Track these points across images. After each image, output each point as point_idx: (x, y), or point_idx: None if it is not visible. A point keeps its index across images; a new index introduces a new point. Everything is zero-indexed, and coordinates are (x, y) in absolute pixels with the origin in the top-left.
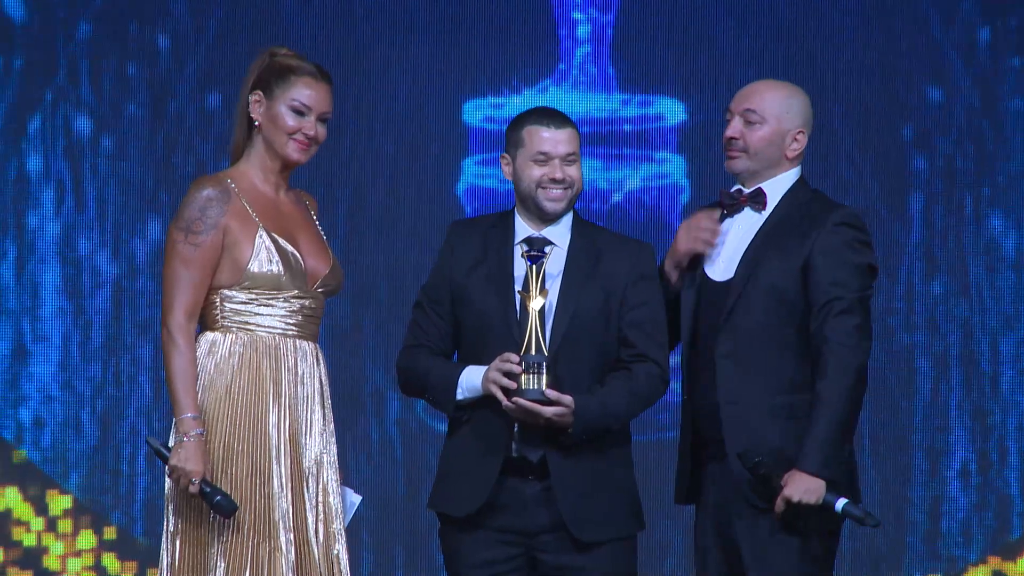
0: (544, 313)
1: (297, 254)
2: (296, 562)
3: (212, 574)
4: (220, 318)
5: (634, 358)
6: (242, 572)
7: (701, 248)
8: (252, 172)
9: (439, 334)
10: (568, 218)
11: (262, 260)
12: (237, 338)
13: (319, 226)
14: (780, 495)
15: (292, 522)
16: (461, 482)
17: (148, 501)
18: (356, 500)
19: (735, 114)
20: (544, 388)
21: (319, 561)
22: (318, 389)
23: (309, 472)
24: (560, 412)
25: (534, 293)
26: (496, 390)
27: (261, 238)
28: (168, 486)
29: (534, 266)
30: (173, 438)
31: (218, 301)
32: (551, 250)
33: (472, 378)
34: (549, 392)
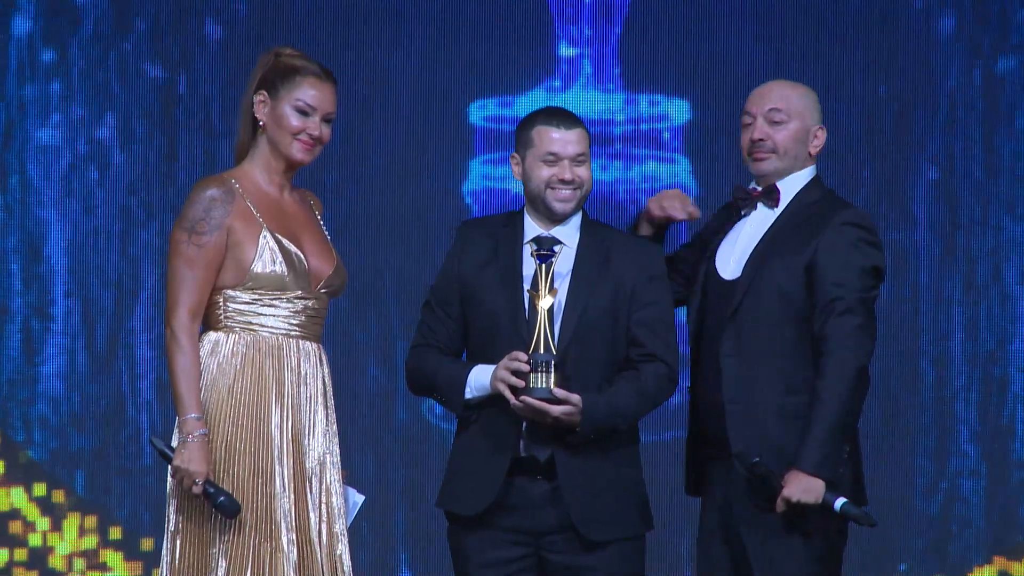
0: (553, 312)
1: (301, 254)
2: (298, 562)
3: (213, 574)
4: (224, 318)
5: (643, 358)
6: (243, 572)
7: (677, 214)
8: (256, 172)
9: (448, 333)
10: (577, 218)
11: (266, 260)
12: (240, 338)
13: (324, 226)
14: (780, 495)
15: (294, 522)
16: (469, 481)
17: (153, 501)
18: (359, 500)
19: (757, 116)
20: (552, 387)
21: (321, 561)
22: (321, 389)
23: (312, 472)
24: (568, 411)
25: (543, 292)
26: (504, 389)
27: (265, 238)
28: (170, 485)
29: (543, 265)
30: (176, 438)
31: (222, 301)
32: (560, 249)
33: (481, 377)
34: (557, 391)
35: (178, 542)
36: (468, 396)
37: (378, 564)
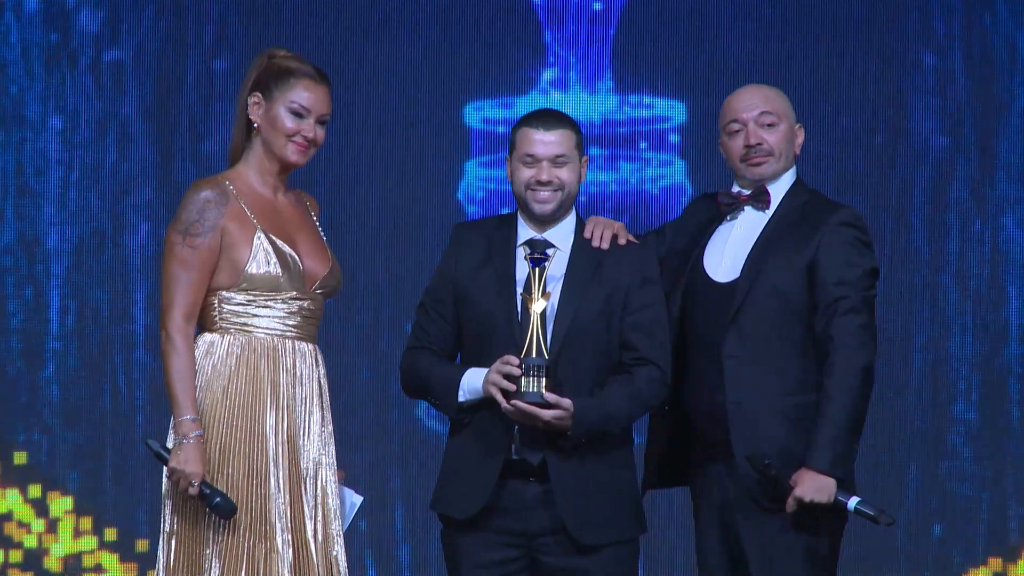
0: (546, 316)
1: (295, 255)
2: (294, 563)
3: (207, 575)
4: (218, 319)
5: (635, 361)
6: (238, 573)
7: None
8: (250, 174)
9: (441, 336)
10: (571, 220)
11: (260, 262)
12: (235, 339)
13: (319, 227)
14: (792, 495)
15: (290, 523)
16: (462, 484)
17: (149, 503)
18: (357, 501)
19: (747, 121)
20: (543, 391)
21: (317, 563)
22: (316, 390)
23: (307, 473)
24: (559, 415)
25: (536, 295)
26: (496, 392)
27: (259, 240)
28: (165, 487)
29: (536, 269)
30: (171, 440)
31: (216, 303)
32: (554, 253)
33: (473, 380)
34: (548, 395)
35: (173, 543)
36: (461, 399)
37: (374, 565)
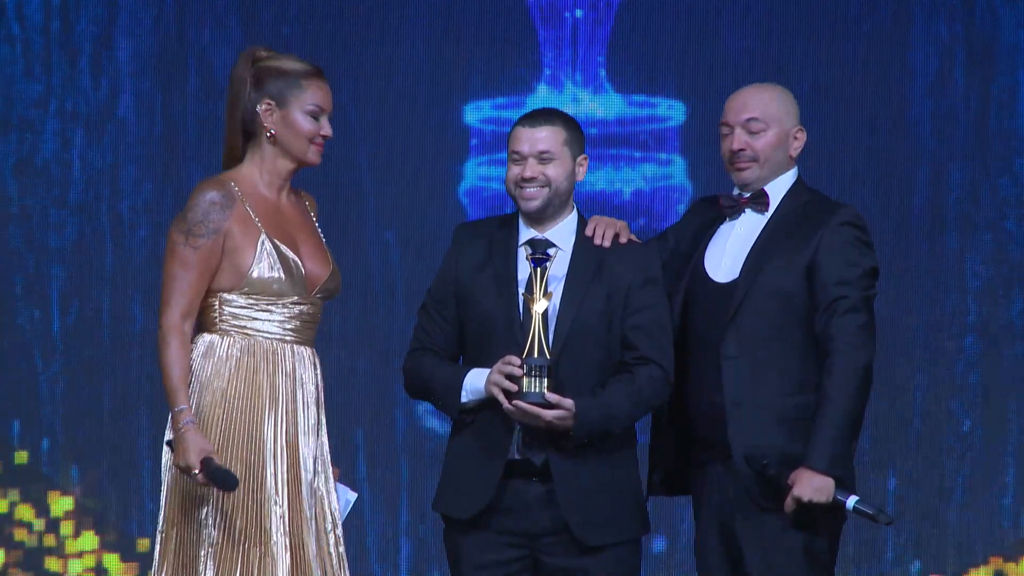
0: (547, 316)
1: (298, 260)
2: (292, 566)
3: None
4: (219, 321)
5: (637, 361)
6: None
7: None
8: (256, 176)
9: (444, 337)
10: (572, 220)
11: (264, 266)
12: (235, 342)
13: (318, 227)
14: (790, 494)
15: (288, 526)
16: (464, 484)
17: (149, 503)
18: (351, 498)
19: (734, 126)
20: (545, 391)
21: (315, 565)
22: (314, 393)
23: (305, 476)
24: (560, 415)
25: (538, 296)
26: (498, 392)
27: (263, 244)
28: (165, 487)
29: (538, 269)
30: (168, 434)
31: (217, 304)
32: (556, 253)
33: (476, 381)
34: (550, 395)
35: (169, 545)
36: (463, 400)
37: (376, 565)
